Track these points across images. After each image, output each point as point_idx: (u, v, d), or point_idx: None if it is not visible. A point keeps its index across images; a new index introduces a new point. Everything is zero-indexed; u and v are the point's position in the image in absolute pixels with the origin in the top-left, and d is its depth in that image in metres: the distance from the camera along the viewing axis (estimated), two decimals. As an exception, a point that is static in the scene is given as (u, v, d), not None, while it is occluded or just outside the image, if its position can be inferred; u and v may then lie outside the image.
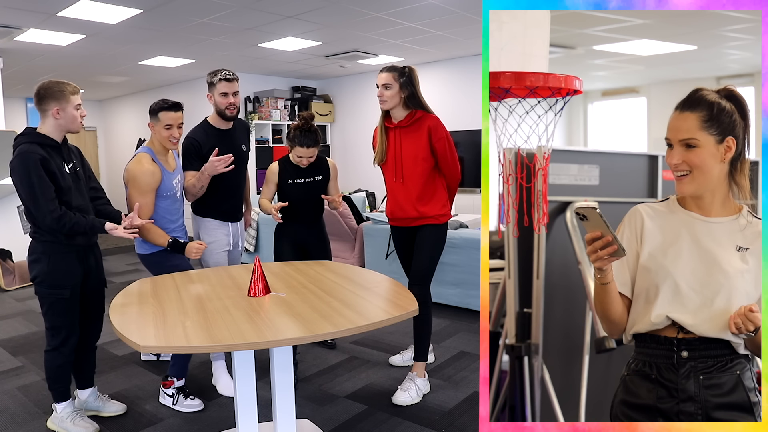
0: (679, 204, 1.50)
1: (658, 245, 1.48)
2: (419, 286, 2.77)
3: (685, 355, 1.42)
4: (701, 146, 1.39)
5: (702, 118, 1.39)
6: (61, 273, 2.37)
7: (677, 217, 1.49)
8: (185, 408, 2.73)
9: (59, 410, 2.52)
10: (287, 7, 4.59)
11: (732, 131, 1.41)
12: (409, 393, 2.78)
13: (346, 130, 8.47)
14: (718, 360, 1.42)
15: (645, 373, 1.47)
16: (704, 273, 1.43)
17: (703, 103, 1.40)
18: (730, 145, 1.41)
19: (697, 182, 1.42)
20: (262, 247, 5.96)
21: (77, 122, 2.36)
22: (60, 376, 2.49)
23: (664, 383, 1.44)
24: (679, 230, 1.47)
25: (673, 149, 1.43)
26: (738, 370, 1.42)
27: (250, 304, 1.94)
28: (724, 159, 1.41)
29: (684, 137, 1.40)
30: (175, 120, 2.66)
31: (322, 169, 3.02)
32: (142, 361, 3.40)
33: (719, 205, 1.46)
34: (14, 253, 5.61)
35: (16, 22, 4.79)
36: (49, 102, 2.31)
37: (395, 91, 2.69)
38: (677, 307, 1.43)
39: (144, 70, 7.32)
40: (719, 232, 1.45)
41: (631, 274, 1.51)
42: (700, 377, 1.42)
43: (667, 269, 1.45)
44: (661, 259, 1.46)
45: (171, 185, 2.74)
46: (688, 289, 1.43)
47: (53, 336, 2.44)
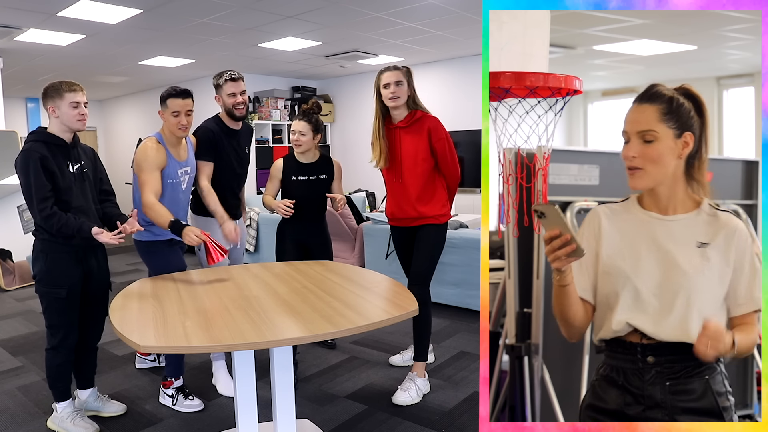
0: (639, 203, 1.47)
1: (617, 248, 1.45)
2: (419, 286, 2.77)
3: (651, 360, 1.39)
4: (659, 139, 1.37)
5: (661, 110, 1.38)
6: (58, 272, 2.37)
7: (636, 217, 1.46)
8: (185, 408, 2.73)
9: (59, 410, 2.52)
10: (287, 7, 4.59)
11: (690, 127, 1.39)
12: (409, 393, 2.78)
13: (346, 130, 8.47)
14: (685, 365, 1.38)
15: (612, 378, 1.45)
16: (663, 275, 1.39)
17: (662, 96, 1.39)
18: (688, 141, 1.39)
19: (651, 177, 1.39)
20: (262, 247, 5.96)
21: (73, 120, 2.35)
22: (60, 375, 2.49)
23: (631, 389, 1.42)
24: (637, 232, 1.44)
25: (630, 143, 1.40)
26: (707, 374, 1.38)
27: (250, 304, 1.94)
28: (681, 155, 1.39)
29: (642, 128, 1.38)
30: (182, 107, 2.63)
31: (327, 168, 3.02)
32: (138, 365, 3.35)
33: (678, 203, 1.43)
34: (14, 253, 5.61)
35: (16, 22, 4.79)
36: (46, 101, 2.35)
37: (405, 88, 2.73)
38: (637, 313, 1.40)
39: (144, 70, 7.32)
40: (678, 230, 1.42)
41: (591, 279, 1.48)
42: (666, 383, 1.39)
43: (626, 273, 1.42)
44: (620, 263, 1.43)
45: (175, 173, 2.70)
46: (647, 294, 1.40)
47: (52, 335, 2.44)
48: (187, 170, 2.79)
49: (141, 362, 3.31)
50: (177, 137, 2.70)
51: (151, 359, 3.29)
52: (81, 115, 2.36)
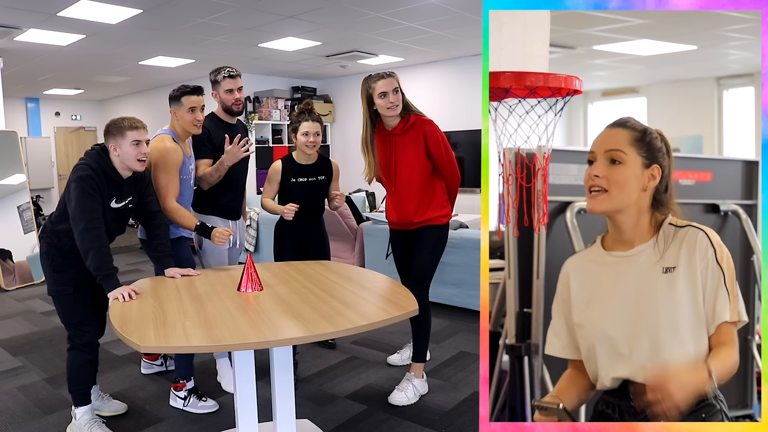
0: (603, 246, 1.43)
1: (585, 299, 1.42)
2: (419, 287, 2.74)
3: (646, 400, 1.33)
4: (627, 163, 1.33)
5: (633, 136, 1.35)
6: (61, 269, 2.38)
7: (602, 262, 1.42)
8: (199, 409, 2.71)
9: (78, 416, 2.47)
10: (287, 7, 4.59)
11: (659, 162, 1.35)
12: (406, 393, 2.77)
13: (346, 130, 8.47)
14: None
15: (608, 415, 1.43)
16: (635, 315, 1.35)
17: (636, 125, 1.37)
18: (655, 174, 1.35)
19: (613, 202, 1.34)
20: (262, 246, 5.96)
21: (133, 160, 2.29)
22: (80, 377, 2.45)
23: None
24: (602, 277, 1.41)
25: (596, 163, 1.36)
26: (704, 413, 1.32)
27: (250, 304, 1.94)
28: (647, 187, 1.35)
29: (611, 147, 1.35)
30: (197, 103, 2.67)
31: (326, 169, 3.01)
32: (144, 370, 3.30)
33: (642, 233, 1.38)
34: (14, 253, 5.61)
35: (16, 22, 4.79)
36: (108, 138, 2.31)
37: (400, 95, 2.66)
38: (618, 364, 1.36)
39: (144, 70, 7.32)
40: (643, 261, 1.37)
41: (571, 338, 1.47)
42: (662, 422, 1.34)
43: (597, 323, 1.38)
44: (590, 313, 1.40)
45: (187, 170, 2.74)
46: (622, 338, 1.35)
47: (69, 335, 2.44)
48: (193, 167, 2.82)
49: (147, 367, 3.26)
50: (188, 134, 2.72)
51: (158, 364, 3.25)
52: (143, 154, 2.30)
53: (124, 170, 2.34)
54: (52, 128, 10.54)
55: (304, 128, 2.85)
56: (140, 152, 2.29)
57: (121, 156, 2.29)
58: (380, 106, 2.65)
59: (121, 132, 2.28)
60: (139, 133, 2.29)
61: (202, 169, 2.85)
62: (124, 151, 2.28)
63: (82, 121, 10.95)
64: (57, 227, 2.36)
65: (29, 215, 5.79)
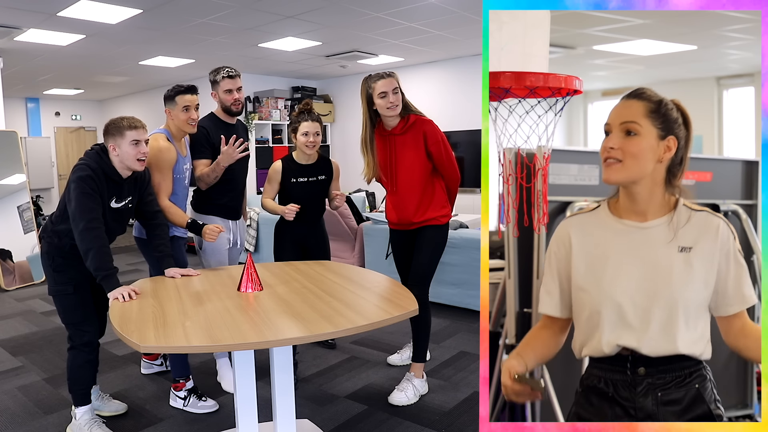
0: (612, 211, 1.42)
1: (592, 263, 1.41)
2: (419, 287, 2.74)
3: (642, 371, 1.36)
4: (642, 134, 1.33)
5: (648, 107, 1.34)
6: (62, 269, 2.38)
7: (610, 227, 1.41)
8: (198, 409, 2.71)
9: (78, 416, 2.48)
10: (287, 7, 4.59)
11: (674, 133, 1.35)
12: (406, 393, 2.77)
13: (346, 130, 8.47)
14: (675, 375, 1.36)
15: (601, 390, 1.42)
16: (646, 286, 1.35)
17: (652, 97, 1.36)
18: (671, 146, 1.34)
19: (629, 172, 1.34)
20: (262, 247, 5.97)
21: (133, 159, 2.29)
22: (80, 377, 2.45)
23: (620, 401, 1.39)
24: (613, 243, 1.39)
25: (611, 135, 1.36)
26: (697, 383, 1.36)
27: (250, 304, 1.94)
28: (662, 159, 1.35)
29: (627, 119, 1.34)
30: (192, 102, 2.67)
31: (326, 169, 3.01)
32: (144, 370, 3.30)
33: (657, 207, 1.38)
34: (14, 253, 5.61)
35: (16, 22, 4.79)
36: (107, 138, 2.31)
37: (400, 95, 2.66)
38: (625, 332, 1.36)
39: (144, 70, 7.32)
40: (658, 237, 1.37)
41: (564, 296, 1.46)
42: (658, 393, 1.36)
43: (605, 291, 1.37)
44: (597, 278, 1.39)
45: (182, 169, 2.75)
46: (631, 308, 1.35)
47: (69, 334, 2.44)
48: (188, 165, 2.82)
49: (147, 367, 3.25)
50: (183, 133, 2.72)
51: (158, 363, 3.24)
52: (142, 154, 2.30)
53: (124, 170, 2.33)
54: (52, 128, 10.55)
55: (304, 128, 2.85)
56: (139, 152, 2.29)
57: (121, 156, 2.29)
58: (380, 106, 2.65)
59: (120, 132, 2.27)
60: (138, 132, 2.29)
61: (200, 169, 2.85)
62: (124, 150, 2.28)
63: (82, 121, 10.95)
64: (57, 227, 2.36)
65: (29, 215, 5.79)
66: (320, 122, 2.89)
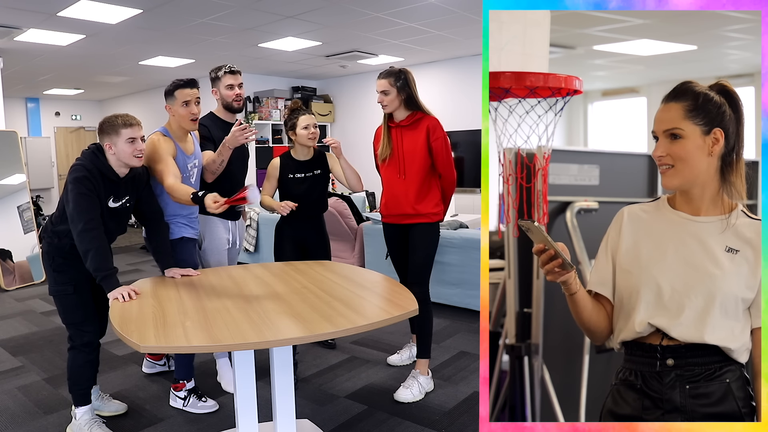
0: (669, 204, 1.44)
1: (640, 246, 1.42)
2: (418, 284, 2.78)
3: (671, 363, 1.36)
4: (686, 137, 1.33)
5: (687, 107, 1.34)
6: (62, 269, 2.38)
7: (664, 217, 1.43)
8: (198, 410, 2.71)
9: (78, 416, 2.48)
10: (287, 7, 4.59)
11: (720, 123, 1.34)
12: (411, 390, 2.78)
13: (346, 130, 8.47)
14: (706, 368, 1.35)
15: (631, 382, 1.42)
16: (688, 275, 1.36)
17: (689, 93, 1.35)
18: (718, 137, 1.34)
19: (682, 175, 1.35)
20: (262, 247, 5.96)
21: (129, 156, 2.28)
22: (80, 376, 2.45)
23: (649, 393, 1.38)
24: (664, 230, 1.41)
25: (659, 142, 1.37)
26: (728, 378, 1.34)
27: (249, 304, 1.94)
28: (712, 152, 1.34)
29: (668, 127, 1.35)
30: (191, 95, 2.62)
31: (321, 163, 3.04)
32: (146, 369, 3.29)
33: (709, 203, 1.39)
34: (14, 253, 5.61)
35: (16, 22, 4.79)
36: (102, 136, 2.29)
37: (393, 96, 2.77)
38: (659, 312, 1.36)
39: (144, 70, 7.32)
40: (707, 232, 1.38)
41: (611, 276, 1.46)
42: (686, 386, 1.35)
43: (648, 272, 1.38)
44: (643, 261, 1.40)
45: (185, 167, 2.68)
46: (670, 293, 1.36)
47: (70, 334, 2.43)
48: (195, 163, 2.77)
49: (150, 366, 3.24)
50: (185, 129, 2.68)
51: (161, 363, 3.23)
52: (139, 151, 2.29)
53: (121, 168, 2.33)
54: (52, 128, 10.55)
55: (304, 122, 2.92)
56: (136, 149, 2.28)
57: (117, 154, 2.28)
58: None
59: (115, 130, 2.27)
60: (134, 130, 2.28)
61: (204, 159, 2.83)
62: (120, 148, 2.27)
63: (82, 121, 10.95)
64: (57, 227, 2.36)
65: (29, 215, 5.79)
66: (314, 114, 3.02)
